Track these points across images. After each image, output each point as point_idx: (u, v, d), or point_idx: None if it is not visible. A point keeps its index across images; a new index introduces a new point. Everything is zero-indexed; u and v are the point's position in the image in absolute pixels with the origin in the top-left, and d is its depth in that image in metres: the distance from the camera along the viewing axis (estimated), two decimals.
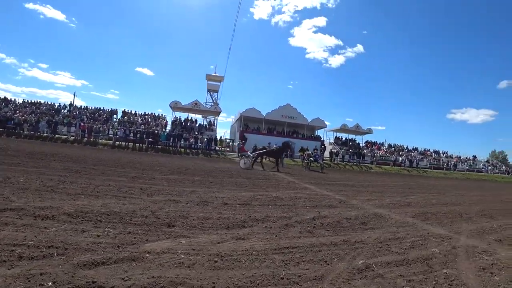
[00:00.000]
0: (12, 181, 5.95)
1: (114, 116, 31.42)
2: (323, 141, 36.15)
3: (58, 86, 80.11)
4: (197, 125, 33.02)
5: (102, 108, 32.26)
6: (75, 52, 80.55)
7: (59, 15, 70.84)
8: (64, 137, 24.25)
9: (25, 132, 23.48)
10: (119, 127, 27.65)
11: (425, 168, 34.10)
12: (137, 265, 2.57)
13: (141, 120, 30.92)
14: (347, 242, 3.84)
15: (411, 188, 13.10)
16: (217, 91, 39.19)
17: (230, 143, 34.13)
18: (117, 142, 24.63)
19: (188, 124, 32.37)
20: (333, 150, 32.25)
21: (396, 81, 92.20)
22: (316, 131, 39.03)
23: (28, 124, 24.25)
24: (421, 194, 10.69)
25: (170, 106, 31.94)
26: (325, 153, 29.55)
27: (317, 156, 22.41)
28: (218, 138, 32.43)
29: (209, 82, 38.80)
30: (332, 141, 37.44)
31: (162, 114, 33.42)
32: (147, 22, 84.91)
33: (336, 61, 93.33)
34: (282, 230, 4.14)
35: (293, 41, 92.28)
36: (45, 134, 23.87)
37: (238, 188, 8.24)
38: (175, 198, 5.82)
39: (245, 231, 3.96)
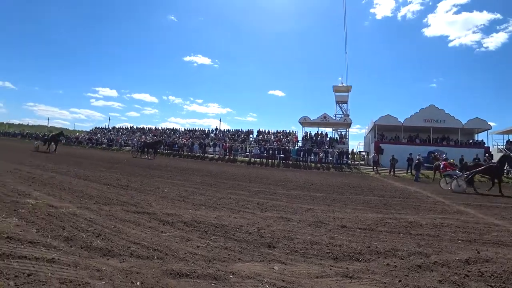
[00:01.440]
0: (159, 191, 7.49)
1: (251, 135, 35.88)
2: (488, 147, 27.38)
3: (210, 115, 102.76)
4: (327, 138, 32.82)
5: (240, 130, 37.47)
6: (220, 87, 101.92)
7: (206, 60, 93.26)
8: (210, 156, 29.38)
9: (184, 153, 30.04)
10: (255, 145, 30.98)
11: None
12: (215, 286, 2.47)
13: (274, 137, 33.62)
14: None
15: None
16: (346, 102, 38.11)
17: (365, 156, 31.58)
18: (252, 159, 27.53)
19: (318, 138, 32.55)
20: None
21: None
22: (476, 135, 30.23)
23: (186, 147, 31.04)
24: None
25: (300, 122, 33.43)
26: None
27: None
28: (350, 151, 30.56)
29: (337, 93, 38.38)
30: (502, 146, 27.66)
31: (293, 131, 35.45)
32: (272, 49, 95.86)
33: (495, 41, 70.73)
34: (412, 273, 3.07)
35: (428, 31, 77.42)
36: (198, 154, 29.78)
37: (364, 207, 7.20)
38: (288, 215, 5.63)
39: (357, 266, 3.21)
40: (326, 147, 29.55)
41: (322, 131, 34.25)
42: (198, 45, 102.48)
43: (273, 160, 26.77)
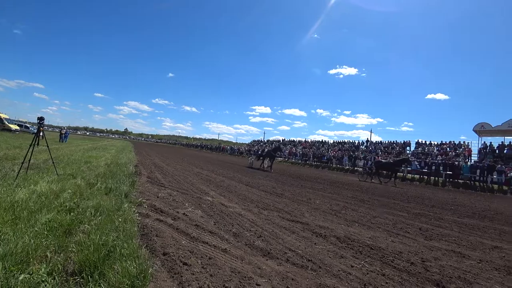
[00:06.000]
0: (311, 202, 7.71)
1: (407, 148, 31.34)
2: None
3: (359, 127, 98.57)
4: None
5: (395, 141, 33.52)
6: (369, 96, 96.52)
7: (352, 71, 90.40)
8: (360, 169, 27.71)
9: (333, 165, 29.79)
10: (413, 159, 26.89)
11: None
12: None
13: (438, 150, 28.00)
14: None
15: None
16: None
17: None
18: (409, 175, 23.94)
19: (505, 151, 24.45)
20: None
21: None
22: None
23: (335, 159, 30.68)
24: None
25: (475, 131, 26.57)
26: None
27: None
28: None
29: None
30: None
31: (464, 142, 28.21)
32: (429, 45, 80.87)
33: None
34: None
35: None
36: (347, 167, 28.81)
37: None
38: (462, 250, 4.49)
39: None
40: None
41: (510, 142, 25.63)
42: (342, 57, 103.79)
43: (436, 178, 22.29)
